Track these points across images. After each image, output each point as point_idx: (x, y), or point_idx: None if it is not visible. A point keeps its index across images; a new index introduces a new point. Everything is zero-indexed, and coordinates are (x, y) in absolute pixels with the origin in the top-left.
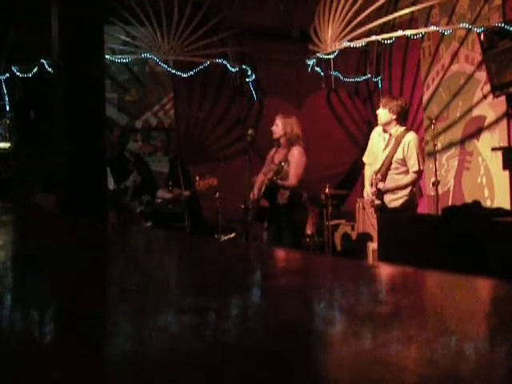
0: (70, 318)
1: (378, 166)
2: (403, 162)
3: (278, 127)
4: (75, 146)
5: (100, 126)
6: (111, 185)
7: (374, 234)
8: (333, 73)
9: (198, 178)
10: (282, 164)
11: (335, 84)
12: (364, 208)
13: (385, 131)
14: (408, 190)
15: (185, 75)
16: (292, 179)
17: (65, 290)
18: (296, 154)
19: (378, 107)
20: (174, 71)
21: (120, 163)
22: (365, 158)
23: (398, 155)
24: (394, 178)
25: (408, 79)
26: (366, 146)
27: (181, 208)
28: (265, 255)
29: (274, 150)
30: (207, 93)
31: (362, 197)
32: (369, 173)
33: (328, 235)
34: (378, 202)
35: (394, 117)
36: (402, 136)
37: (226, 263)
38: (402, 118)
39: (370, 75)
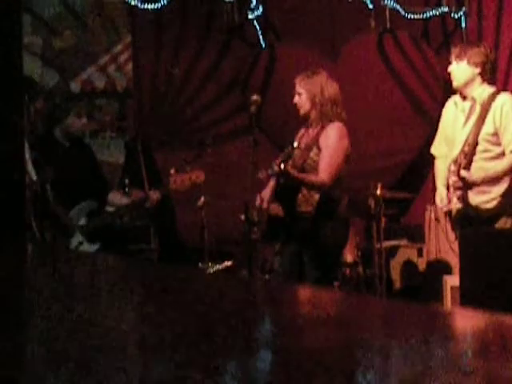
0: None
1: (456, 152)
2: (495, 138)
3: (302, 96)
4: None
5: (15, 92)
6: (35, 184)
7: (454, 262)
8: (388, 3)
9: (173, 172)
10: (295, 145)
11: (392, 22)
12: (438, 220)
13: (464, 98)
14: (506, 184)
15: (150, 7)
16: (322, 173)
17: None
18: (333, 134)
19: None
20: (133, 1)
21: (47, 149)
22: (434, 149)
23: (488, 129)
24: (484, 167)
25: (509, 14)
26: (440, 120)
27: (144, 220)
28: (280, 298)
29: (302, 132)
30: (186, 36)
31: (434, 203)
32: (442, 169)
33: (381, 264)
34: (458, 204)
35: (478, 71)
36: (492, 99)
37: (217, 312)
38: (489, 73)
39: (447, 8)
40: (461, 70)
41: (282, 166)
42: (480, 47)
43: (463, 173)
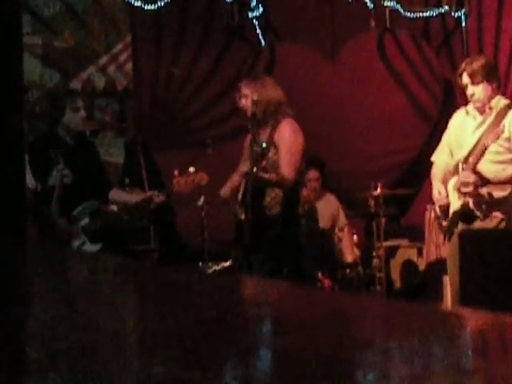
0: None
1: (463, 154)
2: (508, 143)
3: (248, 99)
4: None
5: (16, 93)
6: (31, 184)
7: None
8: (388, 3)
9: (176, 174)
10: (264, 145)
11: (392, 21)
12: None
13: (482, 111)
14: (507, 191)
15: (150, 7)
16: (285, 170)
17: None
18: (287, 130)
19: (462, 69)
20: (133, 1)
21: (49, 149)
22: (435, 157)
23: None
24: (494, 168)
25: (509, 13)
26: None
27: (144, 221)
28: (280, 297)
29: (250, 136)
30: (186, 36)
31: (434, 203)
32: (439, 171)
33: (381, 263)
34: (462, 199)
35: (494, 86)
36: (509, 108)
37: (216, 311)
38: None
39: (447, 7)
40: (480, 91)
41: (255, 169)
42: (481, 58)
43: (479, 167)
